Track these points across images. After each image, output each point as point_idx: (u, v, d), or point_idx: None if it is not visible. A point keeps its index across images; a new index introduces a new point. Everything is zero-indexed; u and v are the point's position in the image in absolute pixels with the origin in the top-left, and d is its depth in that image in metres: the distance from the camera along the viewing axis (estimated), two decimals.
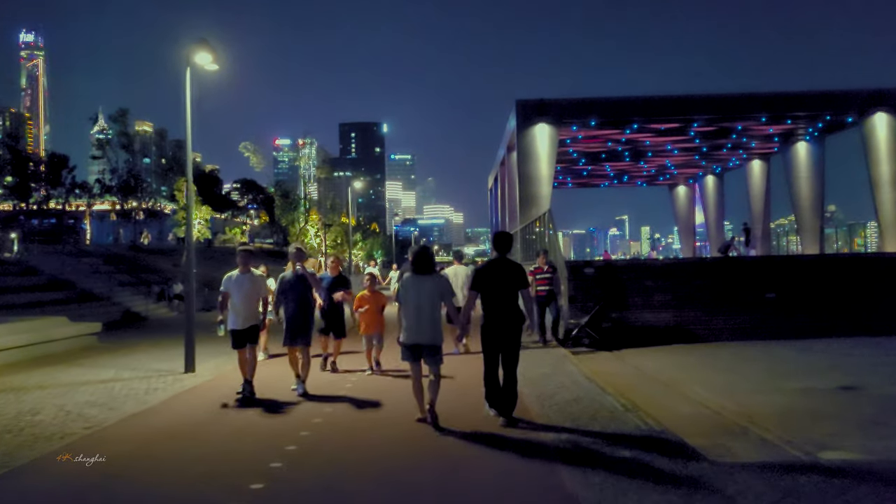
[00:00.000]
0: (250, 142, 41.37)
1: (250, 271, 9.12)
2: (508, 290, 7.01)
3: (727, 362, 12.52)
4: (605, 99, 27.13)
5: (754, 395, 9.38)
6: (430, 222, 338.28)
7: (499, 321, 6.96)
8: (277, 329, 10.38)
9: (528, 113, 26.57)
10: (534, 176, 26.62)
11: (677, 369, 11.74)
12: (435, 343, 6.92)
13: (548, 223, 18.25)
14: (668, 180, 49.09)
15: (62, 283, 25.38)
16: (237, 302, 8.93)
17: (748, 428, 7.45)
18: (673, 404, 8.87)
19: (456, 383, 9.56)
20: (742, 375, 11.02)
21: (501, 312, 6.95)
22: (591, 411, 7.75)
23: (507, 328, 6.98)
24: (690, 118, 27.59)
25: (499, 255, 7.26)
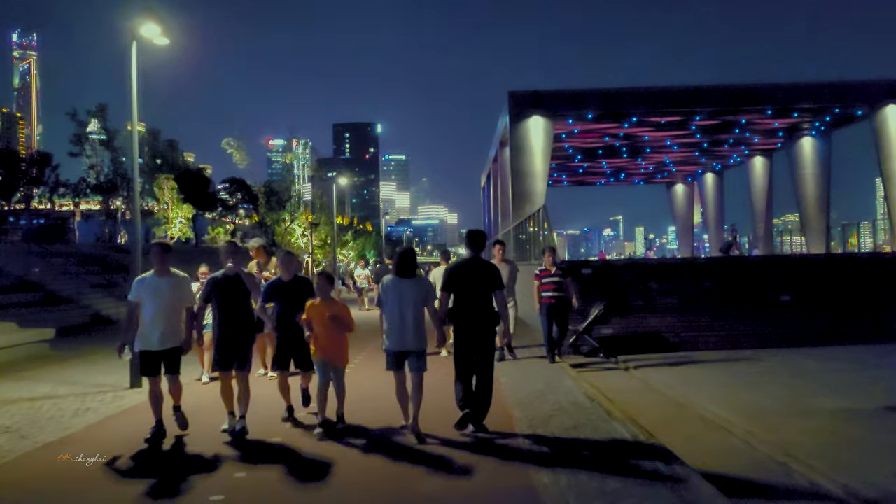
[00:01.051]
0: (233, 138, 39.82)
1: (171, 273, 6.98)
2: (482, 291, 6.75)
3: (745, 375, 11.13)
4: (603, 90, 25.76)
5: (784, 418, 8.00)
6: (425, 223, 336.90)
7: (472, 323, 6.69)
8: None
9: (521, 105, 25.18)
10: (527, 171, 25.23)
11: (689, 383, 10.35)
12: (420, 349, 6.61)
13: (542, 221, 16.86)
14: (666, 178, 47.80)
15: (29, 284, 23.89)
16: (151, 314, 6.76)
17: (788, 465, 6.07)
18: (692, 431, 7.48)
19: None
20: (764, 392, 9.64)
21: (474, 314, 6.68)
22: (596, 444, 6.36)
23: (480, 331, 6.72)
24: (692, 110, 26.23)
25: (472, 255, 6.94)
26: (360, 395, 8.55)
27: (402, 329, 6.48)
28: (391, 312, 6.53)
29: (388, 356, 6.67)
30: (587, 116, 26.17)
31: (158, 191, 36.72)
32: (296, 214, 43.33)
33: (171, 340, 6.88)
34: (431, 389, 7.06)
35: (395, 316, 6.50)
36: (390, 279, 6.66)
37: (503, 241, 12.93)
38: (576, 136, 30.63)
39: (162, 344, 6.82)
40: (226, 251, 7.33)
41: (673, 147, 34.43)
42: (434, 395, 7.39)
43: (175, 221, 36.74)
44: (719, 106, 25.86)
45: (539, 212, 17.09)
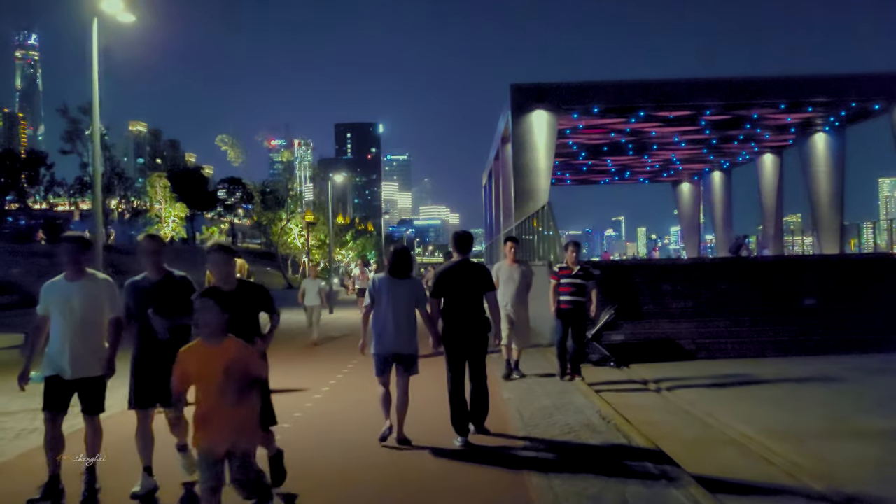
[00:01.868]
0: (227, 135, 38.68)
1: (86, 275, 5.10)
2: (473, 295, 6.46)
3: (775, 389, 10.04)
4: (610, 82, 24.66)
5: (828, 442, 6.93)
6: (426, 223, 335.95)
7: (463, 329, 6.39)
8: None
9: (523, 98, 24.10)
10: (531, 168, 24.14)
11: (713, 398, 9.27)
12: (411, 353, 6.28)
13: (547, 219, 15.79)
14: (672, 177, 46.71)
15: (6, 286, 22.90)
16: (60, 330, 5.00)
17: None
18: (725, 459, 6.40)
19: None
20: (799, 408, 8.56)
21: (466, 319, 6.40)
22: (617, 476, 5.27)
23: (472, 336, 6.43)
24: (702, 104, 25.12)
25: (461, 257, 6.61)
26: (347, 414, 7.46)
27: (394, 331, 6.17)
28: (383, 314, 6.21)
29: (377, 360, 6.28)
30: (593, 110, 25.07)
31: (150, 189, 35.67)
32: (292, 213, 42.15)
33: (86, 366, 5.00)
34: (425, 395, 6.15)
35: (388, 318, 6.18)
36: (382, 278, 6.34)
37: (516, 238, 10.39)
38: (580, 133, 29.55)
39: (73, 370, 4.97)
40: (146, 247, 5.36)
41: (681, 144, 33.33)
42: (426, 403, 6.67)
43: (168, 220, 35.67)
44: (731, 99, 24.75)
45: (543, 209, 16.02)
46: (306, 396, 8.95)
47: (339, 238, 62.35)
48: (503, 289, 9.40)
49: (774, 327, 12.99)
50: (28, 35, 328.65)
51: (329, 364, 11.95)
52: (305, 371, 11.14)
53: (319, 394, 9.19)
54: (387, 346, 6.21)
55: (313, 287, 15.22)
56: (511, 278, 9.65)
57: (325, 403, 8.62)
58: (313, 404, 8.49)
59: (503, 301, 9.12)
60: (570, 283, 9.73)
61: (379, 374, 6.29)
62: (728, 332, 13.12)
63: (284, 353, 13.01)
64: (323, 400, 8.82)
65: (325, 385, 9.85)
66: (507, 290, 9.55)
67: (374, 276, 6.60)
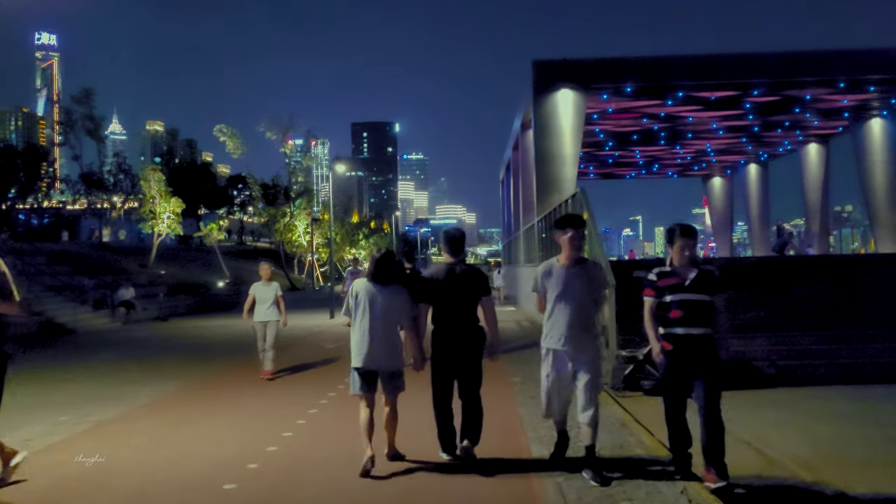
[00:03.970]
0: (226, 125, 36.18)
1: None
2: (467, 300, 5.63)
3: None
4: (645, 58, 21.73)
5: None
6: (443, 222, 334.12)
7: (454, 339, 5.60)
8: None
9: (547, 76, 21.32)
10: (555, 154, 21.36)
11: (818, 442, 6.54)
12: (396, 367, 5.60)
13: (580, 209, 12.99)
14: (703, 170, 43.70)
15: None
16: None
17: None
18: None
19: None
20: None
21: (457, 327, 5.61)
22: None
23: (464, 347, 5.60)
24: (750, 83, 22.15)
25: (454, 259, 5.78)
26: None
27: (375, 343, 5.54)
28: (362, 324, 5.60)
29: (355, 375, 5.58)
30: (625, 90, 22.20)
31: (144, 183, 33.23)
32: (296, 209, 39.53)
33: None
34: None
35: (366, 328, 5.57)
36: (362, 284, 5.73)
37: (582, 220, 5.47)
38: (609, 118, 26.70)
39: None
40: None
41: (718, 132, 30.37)
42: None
43: (162, 217, 33.22)
44: (782, 76, 21.76)
45: (575, 197, 13.25)
46: (269, 437, 6.40)
47: (349, 237, 59.99)
48: (558, 312, 5.34)
49: (878, 343, 10.11)
50: (44, 33, 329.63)
51: (312, 386, 9.39)
52: (276, 400, 8.53)
53: (290, 430, 6.70)
54: (366, 360, 5.52)
55: (266, 294, 10.38)
56: (570, 290, 5.31)
57: (299, 441, 6.06)
58: (278, 447, 5.97)
59: (558, 334, 5.34)
60: (682, 301, 5.22)
61: (358, 391, 5.56)
62: (814, 350, 10.26)
63: (245, 376, 10.45)
64: (293, 439, 6.29)
65: (301, 417, 7.50)
66: (565, 312, 5.29)
67: (355, 283, 5.86)
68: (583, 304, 5.34)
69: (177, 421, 7.67)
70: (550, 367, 5.45)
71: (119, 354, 14.44)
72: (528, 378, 10.11)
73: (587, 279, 5.39)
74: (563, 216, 5.67)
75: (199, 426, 7.44)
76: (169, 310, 26.28)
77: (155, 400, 9.06)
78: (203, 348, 15.21)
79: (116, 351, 15.18)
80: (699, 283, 5.24)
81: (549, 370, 5.48)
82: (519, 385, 9.68)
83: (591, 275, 5.44)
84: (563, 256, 5.44)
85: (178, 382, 10.41)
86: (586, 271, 5.41)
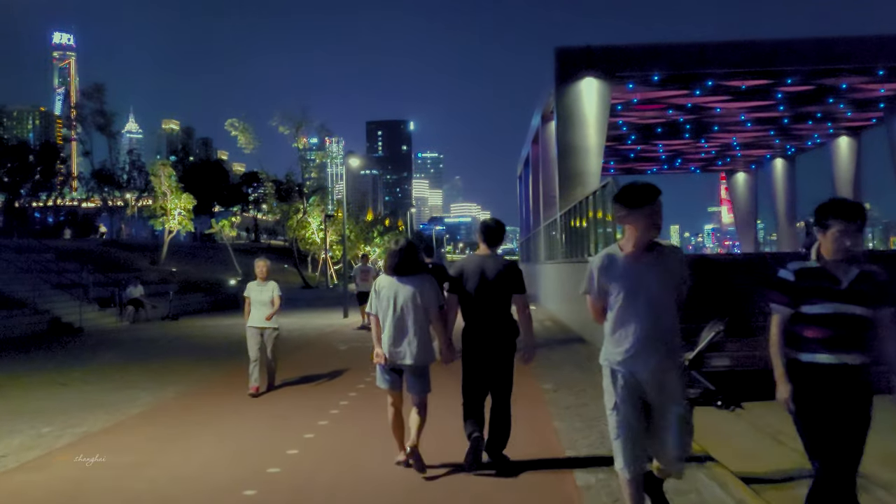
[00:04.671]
0: (238, 119, 35.48)
1: None
2: (499, 295, 5.36)
3: None
4: (675, 44, 20.73)
5: None
6: (457, 220, 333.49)
7: (485, 335, 5.36)
8: None
9: (570, 64, 20.35)
10: (578, 146, 20.40)
11: None
12: (422, 363, 5.30)
13: (610, 201, 12.03)
14: (727, 165, 42.53)
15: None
16: None
17: None
18: None
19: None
20: None
21: (489, 323, 5.36)
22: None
23: (496, 345, 5.35)
24: (784, 70, 21.07)
25: (489, 250, 5.53)
26: None
27: (401, 338, 5.26)
28: (386, 318, 5.30)
29: (381, 372, 5.37)
30: (652, 79, 21.20)
31: (154, 179, 32.57)
32: (309, 205, 38.75)
33: None
34: None
35: (391, 323, 5.28)
36: (384, 279, 5.40)
37: (657, 190, 3.68)
38: (633, 109, 25.70)
39: None
40: None
41: (746, 124, 29.27)
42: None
43: (173, 213, 32.55)
44: (819, 63, 20.64)
45: (605, 188, 12.32)
46: (272, 455, 5.54)
47: (363, 234, 59.27)
48: (626, 318, 3.73)
49: None
50: (63, 34, 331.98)
51: (321, 395, 8.53)
52: (282, 410, 7.69)
53: (296, 447, 5.84)
54: (394, 357, 5.32)
55: (262, 295, 8.76)
56: (642, 288, 3.72)
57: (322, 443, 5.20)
58: (282, 468, 5.11)
59: (626, 349, 3.74)
60: (832, 316, 3.42)
61: (384, 386, 5.42)
62: None
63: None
64: (299, 458, 5.43)
65: (309, 430, 6.65)
66: (636, 318, 3.71)
67: (378, 278, 5.59)
68: (661, 305, 3.69)
69: (170, 435, 6.84)
70: (619, 394, 3.73)
71: (122, 356, 13.69)
72: (560, 384, 9.24)
73: (663, 272, 3.70)
74: (628, 186, 3.69)
75: (194, 441, 6.61)
76: (179, 308, 25.56)
77: (152, 408, 8.26)
78: (210, 349, 14.44)
79: (120, 352, 14.45)
80: (859, 288, 3.38)
81: (618, 400, 3.74)
82: (551, 393, 8.79)
83: (669, 265, 3.72)
84: (628, 242, 3.70)
85: (179, 387, 9.62)
86: (662, 261, 3.70)
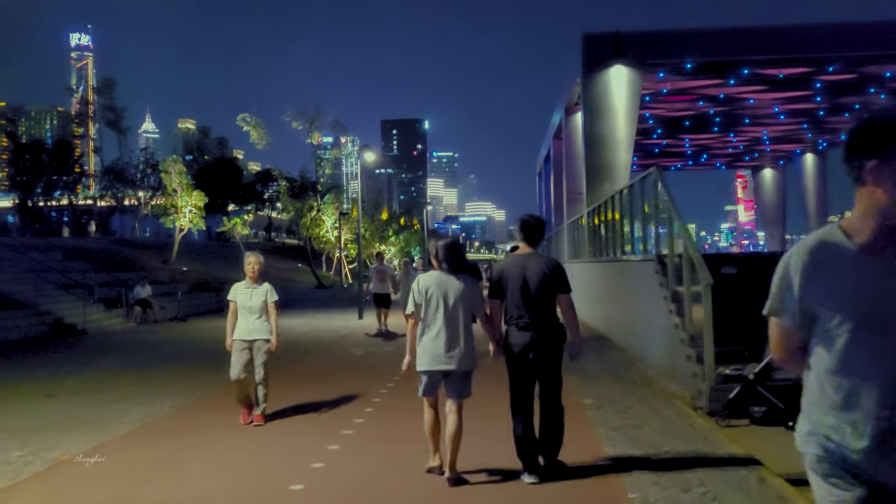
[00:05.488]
0: (249, 114, 34.57)
1: None
2: (544, 296, 5.10)
3: None
4: (710, 29, 19.52)
5: None
6: (472, 219, 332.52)
7: (531, 340, 5.04)
8: None
9: (599, 51, 19.21)
10: (607, 138, 19.26)
11: None
12: (466, 368, 5.02)
13: (656, 185, 10.97)
14: (755, 161, 41.18)
15: None
16: None
17: None
18: None
19: None
20: None
21: (534, 327, 5.05)
22: None
23: (542, 347, 5.06)
24: (825, 57, 19.79)
25: (530, 249, 5.31)
26: None
27: (446, 342, 4.95)
28: (430, 319, 5.00)
29: (424, 378, 5.03)
30: (685, 67, 20.00)
31: (164, 175, 31.76)
32: (323, 202, 37.80)
33: None
34: None
35: (438, 325, 4.97)
36: (432, 276, 5.10)
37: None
38: (661, 101, 24.50)
39: None
40: None
41: (779, 117, 27.96)
42: None
43: (184, 211, 31.72)
44: (864, 49, 19.34)
45: (646, 179, 11.19)
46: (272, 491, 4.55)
47: (381, 232, 58.40)
48: (860, 356, 1.87)
49: None
50: (81, 34, 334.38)
51: (333, 412, 7.50)
52: (287, 429, 6.67)
53: (300, 481, 4.78)
54: (433, 360, 4.96)
55: (252, 301, 6.97)
56: (889, 310, 1.86)
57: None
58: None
59: (865, 410, 1.86)
60: None
61: (425, 394, 5.07)
62: None
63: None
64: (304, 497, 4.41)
65: (317, 458, 5.65)
66: (878, 357, 1.85)
67: (421, 276, 5.21)
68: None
69: (156, 463, 5.83)
70: (846, 490, 1.92)
71: (121, 361, 12.74)
72: (602, 400, 8.17)
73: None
74: (866, 123, 1.89)
75: (184, 469, 5.60)
76: (188, 309, 24.70)
77: (141, 425, 7.27)
78: (217, 353, 13.39)
79: (120, 356, 13.51)
80: None
81: (844, 496, 1.92)
82: (594, 410, 7.71)
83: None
84: (863, 220, 1.90)
85: (175, 400, 8.62)
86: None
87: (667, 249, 10.27)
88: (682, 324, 9.24)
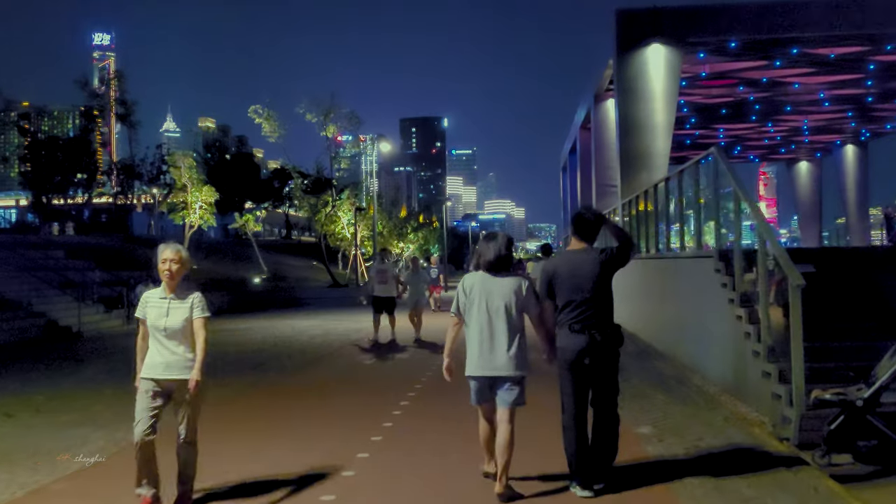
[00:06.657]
0: (261, 105, 33.28)
1: None
2: (600, 295, 4.84)
3: None
4: (758, 3, 17.67)
5: None
6: (491, 217, 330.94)
7: (586, 343, 4.75)
8: None
9: (634, 29, 17.58)
10: (643, 124, 17.62)
11: None
12: (518, 374, 4.74)
13: (717, 167, 9.41)
14: (790, 153, 39.14)
15: None
16: None
17: None
18: None
19: None
20: None
21: (590, 329, 4.78)
22: None
23: (599, 351, 4.79)
24: (886, 34, 17.95)
25: (584, 244, 5.00)
26: None
27: (493, 346, 4.72)
28: (478, 323, 4.76)
29: (474, 385, 4.81)
30: (728, 46, 18.26)
31: (174, 170, 30.59)
32: (338, 198, 36.47)
33: None
34: None
35: (483, 327, 4.75)
36: (476, 277, 4.88)
37: None
38: (699, 85, 22.76)
39: None
40: None
41: (824, 104, 26.09)
42: None
43: (194, 207, 30.50)
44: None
45: (707, 161, 9.61)
46: None
47: (399, 229, 57.14)
48: None
49: None
50: (107, 32, 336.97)
51: (343, 432, 6.00)
52: (278, 459, 5.18)
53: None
54: (484, 366, 4.74)
55: (167, 320, 4.59)
56: None
57: None
58: None
59: None
60: None
61: (477, 402, 4.88)
62: None
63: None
64: None
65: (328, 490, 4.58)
66: None
67: (466, 276, 4.99)
68: None
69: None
70: None
71: (105, 371, 11.35)
72: (663, 428, 6.67)
73: None
74: None
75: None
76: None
77: (95, 463, 5.86)
78: (215, 359, 12.01)
79: (106, 365, 12.11)
80: None
81: None
82: (655, 443, 6.19)
83: None
84: None
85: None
86: None
87: (732, 243, 8.71)
88: (754, 333, 7.65)
